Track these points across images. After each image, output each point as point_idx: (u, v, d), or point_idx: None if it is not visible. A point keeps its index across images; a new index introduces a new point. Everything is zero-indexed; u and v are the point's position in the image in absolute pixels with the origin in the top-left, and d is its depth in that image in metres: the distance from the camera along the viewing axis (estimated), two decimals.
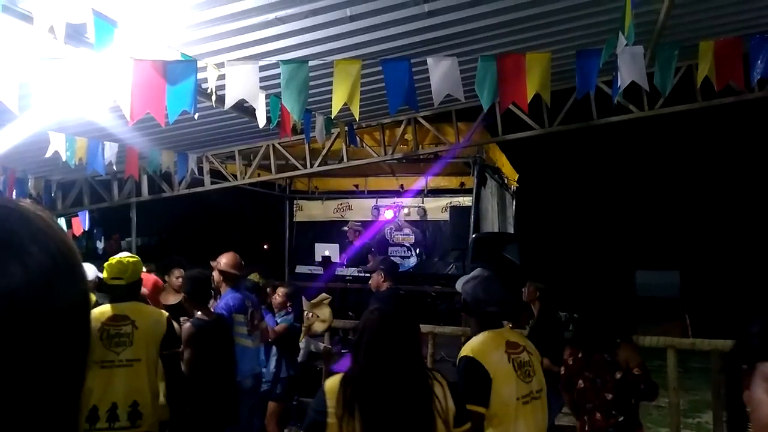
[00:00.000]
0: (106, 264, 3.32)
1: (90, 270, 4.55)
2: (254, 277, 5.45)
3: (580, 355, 3.31)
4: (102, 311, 3.22)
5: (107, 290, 3.33)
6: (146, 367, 3.22)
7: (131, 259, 3.38)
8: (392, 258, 10.31)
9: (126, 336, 3.17)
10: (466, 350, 2.46)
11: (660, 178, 17.56)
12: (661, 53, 3.71)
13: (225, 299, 4.22)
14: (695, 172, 16.94)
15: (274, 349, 4.89)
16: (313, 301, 7.44)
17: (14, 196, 6.80)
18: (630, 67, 3.31)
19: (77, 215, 7.85)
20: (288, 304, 5.03)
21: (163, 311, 3.53)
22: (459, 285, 2.69)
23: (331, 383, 2.05)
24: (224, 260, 4.41)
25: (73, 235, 7.84)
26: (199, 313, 3.74)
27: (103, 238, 8.96)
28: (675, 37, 4.38)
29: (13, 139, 4.54)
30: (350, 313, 7.71)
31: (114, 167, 5.97)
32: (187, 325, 3.65)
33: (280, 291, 5.06)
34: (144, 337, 3.22)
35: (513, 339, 2.59)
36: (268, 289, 5.39)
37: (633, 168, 17.73)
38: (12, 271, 0.52)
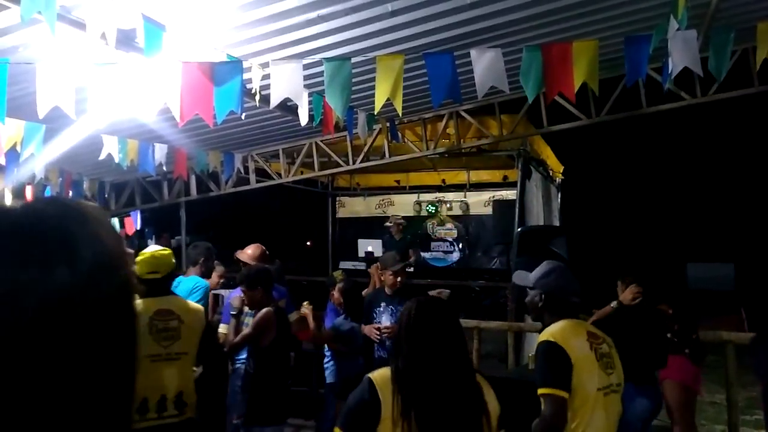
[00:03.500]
0: (138, 260, 3.34)
1: None
2: (338, 274, 5.50)
3: None
4: (147, 306, 3.27)
5: (144, 285, 3.30)
6: (191, 359, 3.34)
7: (164, 252, 3.45)
8: (432, 253, 10.31)
9: (174, 330, 3.25)
10: (546, 335, 2.39)
11: (712, 168, 16.90)
12: (716, 37, 3.56)
13: (237, 291, 4.31)
14: (750, 161, 16.23)
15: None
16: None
17: (71, 197, 7.08)
18: (683, 52, 3.19)
19: (129, 215, 8.11)
20: (341, 303, 4.88)
21: (199, 305, 3.61)
22: (531, 280, 2.59)
23: (382, 378, 1.98)
24: (249, 251, 4.55)
25: (126, 235, 8.12)
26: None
27: (154, 237, 9.24)
28: (729, 20, 4.20)
29: (70, 143, 4.72)
30: None
31: (164, 168, 6.14)
32: (266, 310, 3.78)
33: (336, 288, 5.01)
34: (189, 330, 3.31)
35: (593, 330, 2.52)
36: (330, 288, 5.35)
37: (684, 157, 17.11)
38: (61, 271, 0.53)
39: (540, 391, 2.28)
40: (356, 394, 1.99)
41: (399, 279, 4.44)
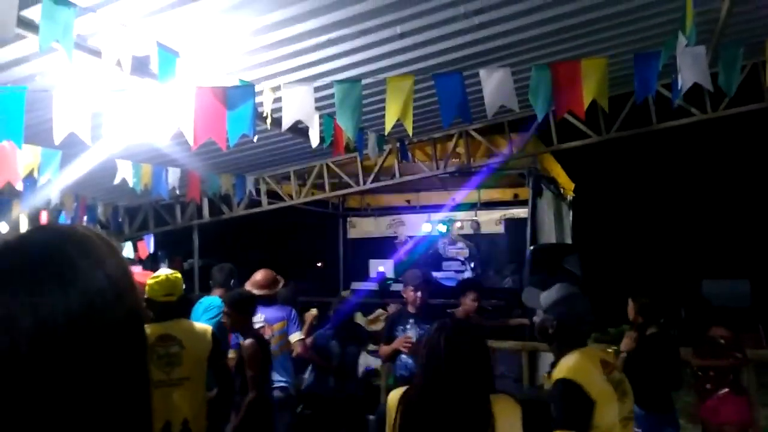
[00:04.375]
0: (152, 282, 3.34)
1: None
2: (347, 294, 5.55)
3: None
4: (151, 332, 3.26)
5: (156, 308, 3.32)
6: (195, 384, 3.31)
7: (178, 275, 3.46)
8: (444, 272, 10.26)
9: (175, 356, 3.24)
10: (563, 372, 2.29)
11: (725, 183, 16.77)
12: (725, 52, 3.56)
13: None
14: (763, 176, 16.09)
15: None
16: (369, 318, 7.46)
17: (85, 222, 7.15)
18: (692, 68, 3.20)
19: (143, 239, 8.18)
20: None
21: (208, 326, 3.59)
22: (544, 304, 2.50)
23: (394, 395, 2.01)
24: (258, 278, 4.64)
25: (139, 258, 8.17)
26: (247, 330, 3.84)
27: (167, 260, 9.30)
28: (737, 35, 4.21)
29: (85, 168, 4.79)
30: None
31: (177, 191, 6.20)
32: (250, 342, 3.72)
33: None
34: (192, 355, 3.29)
35: (603, 357, 2.43)
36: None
37: (696, 173, 17.00)
38: (55, 296, 0.54)
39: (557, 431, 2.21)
40: (377, 411, 2.08)
41: (419, 294, 4.44)
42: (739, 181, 16.61)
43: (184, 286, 3.53)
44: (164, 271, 3.44)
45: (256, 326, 4.42)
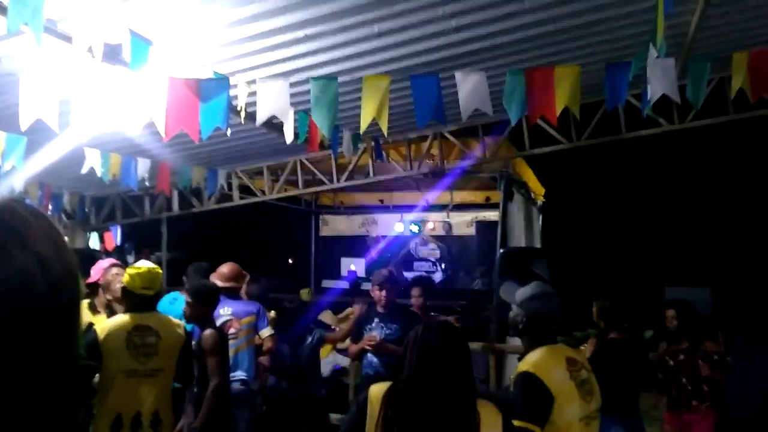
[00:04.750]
0: (132, 272, 3.31)
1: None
2: (304, 293, 5.46)
3: None
4: (125, 321, 3.26)
5: (132, 299, 3.31)
6: (167, 375, 3.32)
7: (158, 270, 3.43)
8: (415, 272, 10.32)
9: (151, 346, 3.23)
10: (526, 365, 2.34)
11: (689, 193, 17.21)
12: (693, 66, 3.67)
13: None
14: (726, 187, 16.57)
15: None
16: (339, 316, 7.45)
17: (49, 211, 6.98)
18: (661, 79, 3.28)
19: (110, 229, 8.02)
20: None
21: (180, 321, 3.58)
22: (517, 298, 2.56)
23: (377, 390, 2.04)
24: (224, 270, 4.65)
25: (105, 249, 8.01)
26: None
27: (134, 252, 9.13)
28: (706, 49, 4.33)
29: (52, 156, 4.67)
30: None
31: (146, 183, 6.09)
32: (211, 332, 3.70)
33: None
34: (167, 347, 3.30)
35: (571, 355, 2.48)
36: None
37: (662, 182, 17.42)
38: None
39: (515, 422, 2.22)
40: (356, 403, 2.09)
41: (383, 293, 4.46)
42: (703, 191, 17.07)
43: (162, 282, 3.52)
44: (146, 264, 3.42)
45: (223, 319, 4.40)
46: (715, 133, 7.13)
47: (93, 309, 3.93)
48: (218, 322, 4.38)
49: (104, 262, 4.11)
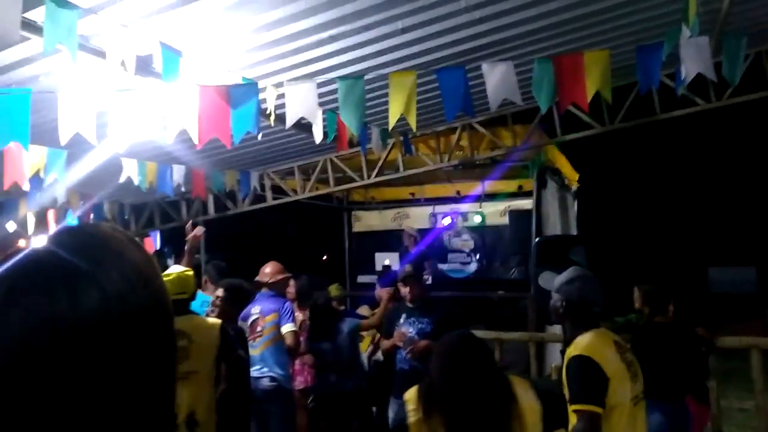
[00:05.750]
0: (165, 280, 3.39)
1: None
2: (333, 288, 5.49)
3: None
4: None
5: None
6: (202, 377, 3.36)
7: (189, 273, 3.49)
8: (450, 264, 10.29)
9: (183, 350, 3.27)
10: (578, 349, 2.36)
11: (730, 172, 16.69)
12: (728, 42, 3.55)
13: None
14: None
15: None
16: (375, 311, 7.47)
17: (91, 220, 7.20)
18: (695, 58, 3.19)
19: (149, 235, 8.23)
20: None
21: (217, 321, 3.63)
22: (555, 285, 2.59)
23: (410, 393, 2.15)
24: (267, 270, 4.72)
25: None
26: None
27: (173, 256, 9.36)
28: (740, 24, 4.19)
29: (91, 167, 4.81)
30: None
31: (182, 188, 6.23)
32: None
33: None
34: (199, 349, 3.35)
35: (617, 339, 2.51)
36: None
37: (700, 162, 16.93)
38: (91, 295, 0.55)
39: (574, 407, 2.26)
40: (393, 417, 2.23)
41: (408, 289, 4.46)
42: (744, 170, 16.54)
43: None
44: (175, 269, 3.48)
45: (253, 317, 4.48)
46: (754, 108, 6.91)
47: None
48: (249, 321, 4.49)
49: None
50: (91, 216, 6.97)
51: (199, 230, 4.59)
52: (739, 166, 16.60)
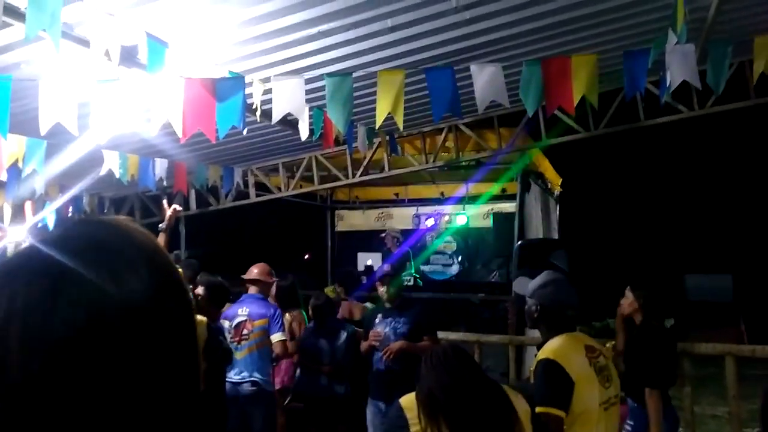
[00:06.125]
0: None
1: None
2: (329, 290, 5.46)
3: None
4: None
5: None
6: None
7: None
8: (432, 266, 10.31)
9: None
10: (546, 353, 2.40)
11: (709, 180, 16.96)
12: (713, 50, 3.59)
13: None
14: (747, 173, 16.31)
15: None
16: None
17: (70, 213, 7.07)
18: (681, 66, 3.22)
19: None
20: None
21: (203, 318, 3.58)
22: (529, 290, 2.61)
23: (408, 401, 2.14)
24: (255, 270, 4.67)
25: None
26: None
27: None
28: (725, 34, 4.25)
29: (71, 158, 4.73)
30: None
31: (164, 183, 6.15)
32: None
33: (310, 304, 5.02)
34: None
35: (589, 343, 2.53)
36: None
37: (681, 169, 17.18)
38: (132, 285, 0.55)
39: (538, 409, 2.29)
40: (386, 422, 2.24)
41: (383, 289, 4.44)
42: (724, 178, 16.82)
43: None
44: None
45: (239, 319, 4.43)
46: (736, 118, 7.02)
47: None
48: (235, 322, 4.43)
49: None
50: (70, 208, 6.85)
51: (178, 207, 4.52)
52: (718, 174, 16.88)
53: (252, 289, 4.64)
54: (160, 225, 4.34)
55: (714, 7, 3.71)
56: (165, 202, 4.55)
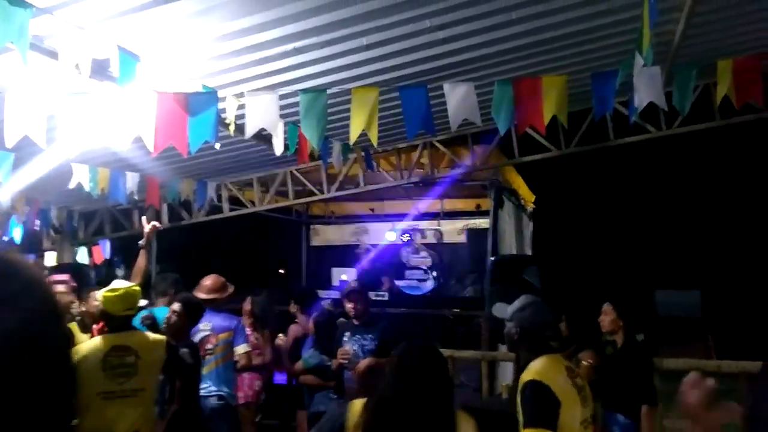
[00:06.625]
0: (110, 295, 3.22)
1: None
2: (327, 304, 5.36)
3: None
4: (103, 342, 3.18)
5: (113, 321, 3.23)
6: (148, 395, 3.25)
7: (137, 288, 3.37)
8: (407, 281, 10.30)
9: (130, 366, 3.15)
10: (531, 374, 2.43)
11: (678, 198, 17.36)
12: (679, 73, 3.70)
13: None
14: (714, 191, 16.73)
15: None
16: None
17: (37, 227, 6.91)
18: (648, 87, 3.31)
19: (98, 244, 7.95)
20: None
21: (163, 336, 3.50)
22: (508, 313, 2.65)
23: (358, 403, 2.14)
24: (207, 283, 4.58)
25: (94, 264, 7.94)
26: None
27: (123, 265, 9.06)
28: (691, 57, 4.38)
29: (39, 171, 4.64)
30: None
31: (135, 197, 6.05)
32: (186, 353, 3.65)
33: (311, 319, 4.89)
34: (146, 366, 3.22)
35: (568, 364, 2.59)
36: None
37: (650, 188, 17.56)
38: (3, 316, 0.56)
39: (527, 430, 2.31)
40: (327, 423, 2.22)
41: (351, 305, 4.42)
42: (693, 195, 17.23)
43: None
44: (121, 284, 3.33)
45: (202, 334, 4.35)
46: (702, 138, 7.21)
47: (83, 327, 3.88)
48: (198, 337, 4.35)
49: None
50: (37, 222, 6.70)
51: (157, 223, 4.43)
52: (688, 191, 17.28)
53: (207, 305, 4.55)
54: (139, 242, 4.26)
55: (680, 31, 3.83)
56: (144, 219, 4.48)
